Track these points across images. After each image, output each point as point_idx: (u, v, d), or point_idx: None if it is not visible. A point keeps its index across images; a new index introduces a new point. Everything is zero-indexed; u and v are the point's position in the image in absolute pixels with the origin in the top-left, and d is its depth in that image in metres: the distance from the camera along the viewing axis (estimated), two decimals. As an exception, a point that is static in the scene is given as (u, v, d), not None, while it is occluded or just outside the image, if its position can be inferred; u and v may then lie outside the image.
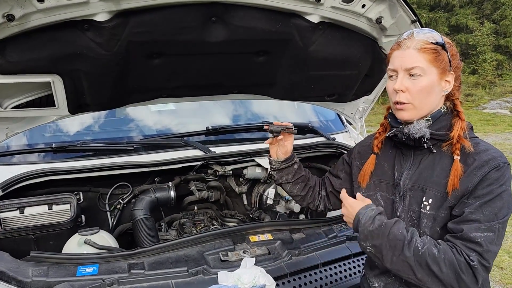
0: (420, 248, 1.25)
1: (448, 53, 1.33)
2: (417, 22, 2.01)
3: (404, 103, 1.35)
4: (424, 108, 1.35)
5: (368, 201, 1.40)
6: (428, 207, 1.34)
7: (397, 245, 1.27)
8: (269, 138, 1.74)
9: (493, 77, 17.74)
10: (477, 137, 1.38)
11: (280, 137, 1.68)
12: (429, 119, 1.37)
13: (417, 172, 1.40)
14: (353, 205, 1.41)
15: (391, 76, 1.39)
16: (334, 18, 1.94)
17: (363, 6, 1.90)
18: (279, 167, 1.74)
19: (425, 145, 1.36)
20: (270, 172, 1.83)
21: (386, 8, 1.93)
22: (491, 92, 16.66)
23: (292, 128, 1.67)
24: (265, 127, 1.66)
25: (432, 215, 1.33)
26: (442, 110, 1.38)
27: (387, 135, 1.49)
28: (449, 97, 1.39)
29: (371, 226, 1.31)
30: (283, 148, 1.72)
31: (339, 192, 1.68)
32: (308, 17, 1.90)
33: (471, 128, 1.40)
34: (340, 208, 1.74)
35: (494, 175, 1.25)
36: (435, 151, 1.38)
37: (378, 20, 1.98)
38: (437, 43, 1.32)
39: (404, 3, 1.90)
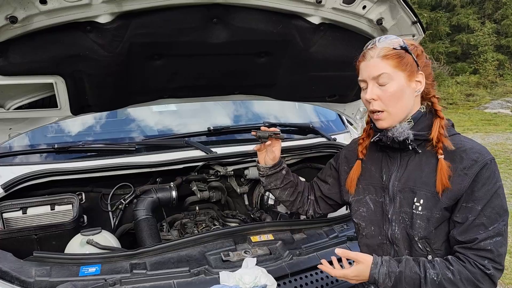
0: (435, 279, 1.28)
1: (412, 54, 1.35)
2: (418, 23, 2.02)
3: (379, 111, 1.38)
4: (400, 112, 1.37)
5: (370, 258, 1.37)
6: (420, 208, 1.35)
7: (415, 284, 1.30)
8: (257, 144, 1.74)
9: (494, 77, 17.73)
10: (459, 134, 1.40)
11: (268, 142, 1.68)
12: (411, 121, 1.39)
13: (405, 174, 1.42)
14: (361, 271, 1.37)
15: (363, 87, 1.42)
16: (335, 19, 1.94)
17: (364, 7, 1.90)
18: (267, 173, 1.74)
19: (410, 146, 1.38)
20: (260, 178, 1.82)
21: (387, 9, 1.94)
22: (492, 92, 16.64)
23: (279, 134, 1.67)
24: (253, 133, 1.66)
25: (426, 215, 1.34)
26: (422, 110, 1.40)
27: (372, 140, 1.50)
28: (424, 96, 1.41)
29: (390, 281, 1.32)
30: (271, 154, 1.71)
31: (328, 197, 1.73)
32: (309, 18, 1.90)
33: (452, 125, 1.42)
34: (330, 212, 1.80)
35: (485, 174, 1.27)
36: (420, 151, 1.40)
37: (379, 21, 1.99)
38: (400, 48, 1.34)
39: (404, 4, 1.91)
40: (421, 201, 1.35)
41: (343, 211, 2.65)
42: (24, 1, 1.48)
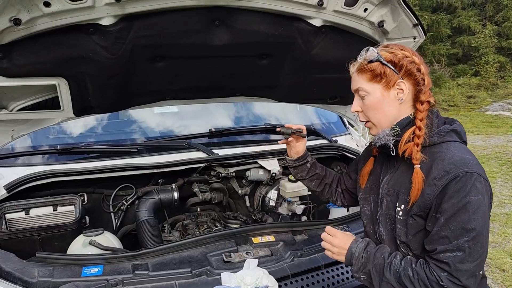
0: (397, 270, 1.33)
1: (388, 65, 1.35)
2: (419, 26, 2.02)
3: (365, 122, 1.46)
4: (382, 121, 1.41)
5: (353, 236, 1.51)
6: (400, 213, 1.37)
7: (380, 268, 1.36)
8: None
9: (495, 79, 17.71)
10: (455, 141, 1.34)
11: (290, 139, 1.84)
12: (395, 127, 1.39)
13: (394, 178, 1.44)
14: (344, 239, 1.49)
15: None
16: (336, 22, 1.95)
17: (365, 10, 1.91)
18: (292, 164, 1.91)
19: (392, 152, 1.39)
20: (289, 168, 1.97)
21: (388, 12, 1.94)
22: (493, 94, 16.63)
23: (301, 132, 1.83)
24: (277, 129, 1.84)
25: (404, 220, 1.36)
26: (411, 117, 1.39)
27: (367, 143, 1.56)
28: (416, 102, 1.38)
29: (363, 257, 1.41)
30: (294, 148, 1.87)
31: (350, 191, 1.80)
32: (310, 21, 1.91)
33: (452, 131, 1.36)
34: (355, 205, 1.82)
35: (454, 187, 1.23)
36: (405, 158, 1.39)
37: (380, 24, 1.99)
38: (371, 61, 1.36)
39: (406, 7, 1.91)
40: (402, 206, 1.37)
41: (344, 212, 2.66)
42: (28, 3, 1.49)
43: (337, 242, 1.49)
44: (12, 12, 1.49)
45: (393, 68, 1.35)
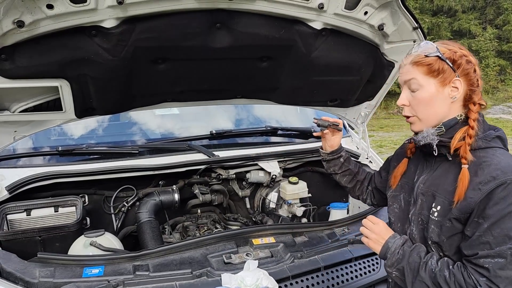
0: (433, 270, 1.31)
1: (447, 61, 1.33)
2: (419, 29, 2.04)
3: (409, 117, 1.41)
4: (430, 118, 1.37)
5: (392, 231, 1.48)
6: (436, 214, 1.35)
7: (415, 267, 1.34)
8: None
9: (496, 82, 17.75)
10: (500, 148, 1.33)
11: (326, 131, 1.83)
12: (441, 127, 1.37)
13: (431, 178, 1.42)
14: (384, 230, 1.47)
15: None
16: (336, 25, 1.97)
17: (366, 13, 1.93)
18: (325, 158, 1.90)
19: (434, 152, 1.37)
20: (322, 162, 1.96)
21: (388, 15, 1.96)
22: (494, 97, 16.65)
23: (338, 125, 1.82)
24: (314, 121, 1.84)
25: (440, 222, 1.34)
26: (458, 118, 1.37)
27: (404, 142, 1.55)
28: (465, 103, 1.37)
29: (399, 253, 1.39)
30: (329, 141, 1.87)
31: (380, 190, 1.80)
32: (311, 24, 1.93)
33: (497, 137, 1.35)
34: (383, 205, 1.82)
35: (500, 194, 1.21)
36: (450, 158, 1.38)
37: (380, 27, 2.01)
38: (432, 55, 1.34)
39: (406, 10, 1.93)
40: (438, 207, 1.35)
41: (344, 214, 2.67)
42: (31, 5, 1.51)
43: (377, 229, 1.47)
44: (16, 14, 1.51)
45: (451, 65, 1.34)
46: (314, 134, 1.93)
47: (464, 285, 1.25)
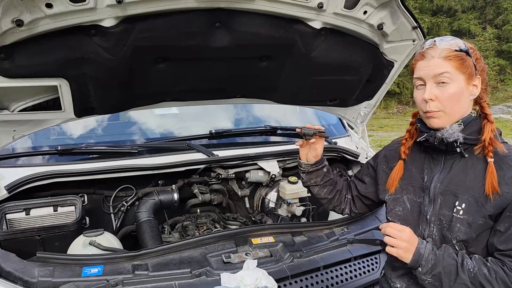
0: (472, 270, 1.29)
1: (472, 58, 1.35)
2: (418, 29, 2.04)
3: (433, 111, 1.37)
4: (456, 114, 1.37)
5: (417, 237, 1.39)
6: (461, 212, 1.35)
7: (452, 270, 1.31)
8: (299, 140, 1.77)
9: (495, 82, 17.76)
10: (507, 142, 1.38)
11: (312, 140, 1.70)
12: (461, 124, 1.37)
13: (448, 177, 1.41)
14: (413, 236, 1.38)
15: (418, 86, 1.41)
16: (336, 24, 1.96)
17: (365, 12, 1.92)
18: (308, 169, 1.76)
19: (458, 149, 1.37)
20: (300, 174, 1.84)
21: (388, 14, 1.96)
22: (493, 97, 16.67)
23: (324, 132, 1.71)
24: (298, 130, 1.71)
25: (466, 220, 1.34)
26: (473, 115, 1.39)
27: (418, 140, 1.48)
28: (477, 101, 1.41)
29: (432, 259, 1.34)
30: (314, 151, 1.74)
31: (364, 196, 1.74)
32: (310, 23, 1.93)
33: (500, 134, 1.40)
34: (365, 211, 1.79)
35: None
36: (466, 155, 1.39)
37: (380, 26, 2.01)
38: (460, 50, 1.34)
39: (405, 10, 1.93)
40: (463, 205, 1.35)
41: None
42: (30, 4, 1.50)
43: (406, 237, 1.36)
44: (15, 13, 1.51)
45: (475, 64, 1.36)
46: (297, 144, 1.78)
47: (507, 280, 1.26)
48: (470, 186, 1.35)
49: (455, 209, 1.36)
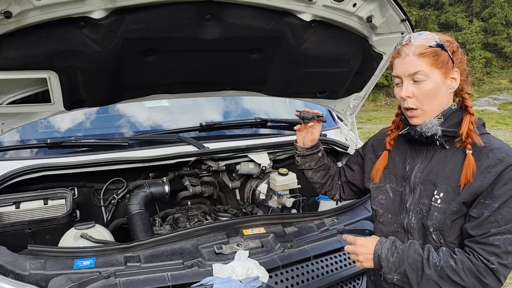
0: (438, 264, 1.32)
1: (448, 51, 1.35)
2: (407, 21, 2.06)
3: (413, 109, 1.39)
4: (434, 110, 1.38)
5: (377, 238, 1.46)
6: (439, 201, 1.38)
7: (418, 266, 1.34)
8: (289, 132, 1.79)
9: (481, 74, 17.97)
10: (489, 133, 1.40)
11: (310, 124, 1.74)
12: (441, 117, 1.39)
13: (428, 166, 1.44)
14: (366, 244, 1.45)
15: (397, 83, 1.43)
16: (326, 17, 1.97)
17: (354, 5, 1.94)
18: (304, 153, 1.80)
19: (437, 142, 1.40)
20: (295, 157, 1.87)
21: (377, 7, 1.97)
22: (479, 90, 16.87)
23: (322, 117, 1.74)
24: (296, 113, 1.74)
25: (443, 208, 1.36)
26: (453, 108, 1.40)
27: (400, 133, 1.52)
28: (458, 93, 1.42)
29: (392, 257, 1.38)
30: (311, 135, 1.78)
31: (352, 183, 1.78)
32: (300, 16, 1.93)
33: (483, 125, 1.42)
34: (353, 198, 1.83)
35: (509, 174, 1.28)
36: (447, 147, 1.41)
37: (369, 19, 2.02)
38: (435, 45, 1.34)
39: (394, 3, 1.95)
40: (441, 194, 1.37)
41: (333, 204, 2.70)
42: (18, -4, 1.49)
43: (360, 249, 1.45)
44: (3, 5, 1.49)
45: (452, 57, 1.36)
46: (296, 127, 1.82)
47: (474, 269, 1.28)
48: (448, 175, 1.38)
49: (433, 197, 1.39)
